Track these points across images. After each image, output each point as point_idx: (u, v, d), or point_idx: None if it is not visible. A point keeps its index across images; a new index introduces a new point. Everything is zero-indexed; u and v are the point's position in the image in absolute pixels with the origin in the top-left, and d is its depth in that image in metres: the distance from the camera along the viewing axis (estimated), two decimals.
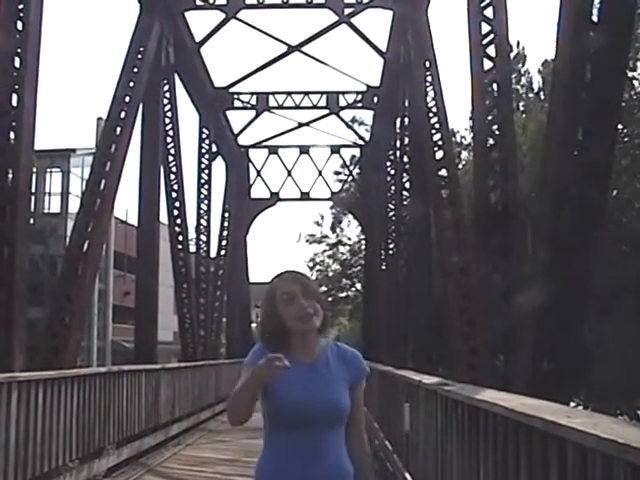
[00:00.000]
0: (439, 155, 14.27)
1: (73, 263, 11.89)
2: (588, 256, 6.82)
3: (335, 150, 30.17)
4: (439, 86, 14.98)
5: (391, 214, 21.82)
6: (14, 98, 9.53)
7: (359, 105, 25.10)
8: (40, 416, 7.61)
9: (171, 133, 18.14)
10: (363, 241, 37.78)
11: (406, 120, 18.19)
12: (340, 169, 37.41)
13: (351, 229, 48.68)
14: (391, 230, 21.84)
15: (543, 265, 7.17)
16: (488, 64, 10.14)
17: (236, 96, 24.36)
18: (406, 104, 17.93)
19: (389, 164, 23.00)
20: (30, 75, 9.67)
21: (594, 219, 6.82)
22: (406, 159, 18.28)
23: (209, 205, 22.96)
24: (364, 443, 3.00)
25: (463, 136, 31.30)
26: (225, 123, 25.69)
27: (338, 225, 45.93)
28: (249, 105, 24.70)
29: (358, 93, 24.43)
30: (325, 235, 46.40)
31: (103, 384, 9.76)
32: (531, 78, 31.51)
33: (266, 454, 2.80)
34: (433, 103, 14.88)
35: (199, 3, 18.71)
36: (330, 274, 46.71)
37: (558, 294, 6.68)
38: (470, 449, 4.63)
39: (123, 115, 13.83)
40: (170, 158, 18.28)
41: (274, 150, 29.55)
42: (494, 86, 10.06)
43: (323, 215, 46.06)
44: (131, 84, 14.33)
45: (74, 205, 27.20)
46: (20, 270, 9.22)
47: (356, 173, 33.40)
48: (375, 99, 23.83)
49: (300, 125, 26.51)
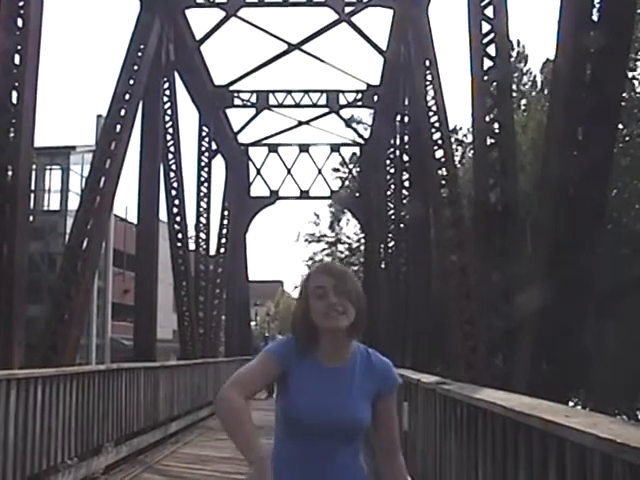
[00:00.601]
0: (439, 154, 14.26)
1: (72, 261, 11.89)
2: (587, 256, 6.81)
3: (335, 149, 30.16)
4: (439, 85, 14.98)
5: (390, 213, 21.82)
6: (14, 95, 9.53)
7: (359, 104, 25.06)
8: (39, 413, 7.61)
9: (171, 131, 18.13)
10: (362, 240, 37.81)
11: (406, 119, 18.18)
12: (339, 166, 37.49)
13: (350, 228, 48.76)
14: (391, 229, 21.84)
15: (543, 265, 7.17)
16: (488, 63, 10.13)
17: (236, 94, 24.34)
18: (406, 103, 17.92)
19: (389, 163, 23.00)
20: (30, 72, 9.67)
21: (594, 219, 6.82)
22: (406, 158, 18.27)
23: (209, 203, 22.94)
24: (399, 463, 2.68)
25: (465, 134, 31.36)
26: (225, 121, 25.67)
27: (337, 224, 46.00)
28: (249, 103, 24.67)
29: (358, 92, 24.40)
30: (324, 234, 46.46)
31: (102, 382, 9.76)
32: (535, 77, 31.62)
33: (276, 464, 2.47)
34: (433, 102, 14.88)
35: (199, 1, 18.69)
36: None
37: (557, 294, 6.68)
38: (469, 448, 4.63)
39: (123, 113, 13.82)
40: (170, 156, 18.26)
41: (274, 148, 29.53)
42: (494, 85, 10.05)
43: (319, 214, 46.21)
44: (131, 81, 14.32)
45: (74, 202, 27.25)
46: (19, 267, 9.22)
47: (356, 172, 33.41)
48: (375, 98, 23.81)
49: (300, 123, 26.49)
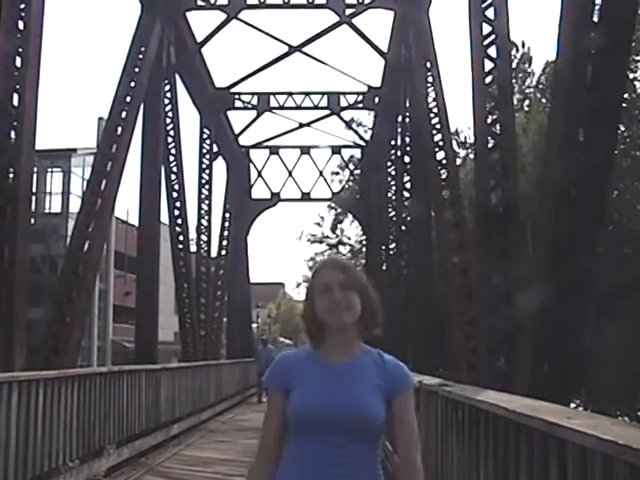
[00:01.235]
0: (440, 156, 14.26)
1: (74, 263, 11.89)
2: (588, 257, 6.81)
3: (336, 151, 30.18)
4: (440, 87, 14.98)
5: (392, 215, 21.81)
6: (15, 98, 9.53)
7: (360, 106, 25.07)
8: (40, 416, 7.62)
9: (172, 133, 18.14)
10: (364, 241, 37.79)
11: (407, 120, 18.19)
12: (338, 169, 37.52)
13: (352, 229, 48.77)
14: (392, 230, 21.84)
15: (543, 266, 7.17)
16: (489, 65, 10.13)
17: (237, 96, 24.35)
18: (407, 104, 17.92)
19: (390, 164, 22.99)
20: (31, 75, 9.67)
21: (594, 220, 6.82)
22: (407, 159, 18.27)
23: (210, 205, 22.94)
24: (412, 470, 2.49)
25: (466, 136, 31.35)
26: (226, 123, 25.68)
27: (339, 225, 46.02)
28: (250, 105, 24.68)
29: (359, 94, 24.41)
30: (326, 235, 46.50)
31: (103, 384, 9.77)
32: (539, 78, 31.61)
33: (282, 462, 2.47)
34: (434, 104, 14.88)
35: (200, 3, 18.70)
36: None
37: (559, 295, 6.67)
38: (470, 450, 4.63)
39: (124, 115, 13.82)
40: (171, 158, 18.28)
41: (275, 150, 29.54)
42: (495, 87, 10.05)
43: (323, 216, 46.27)
44: (132, 84, 14.33)
45: (75, 205, 27.30)
46: (21, 270, 9.22)
47: (357, 173, 33.41)
48: (376, 99, 23.82)
49: (301, 125, 26.50)
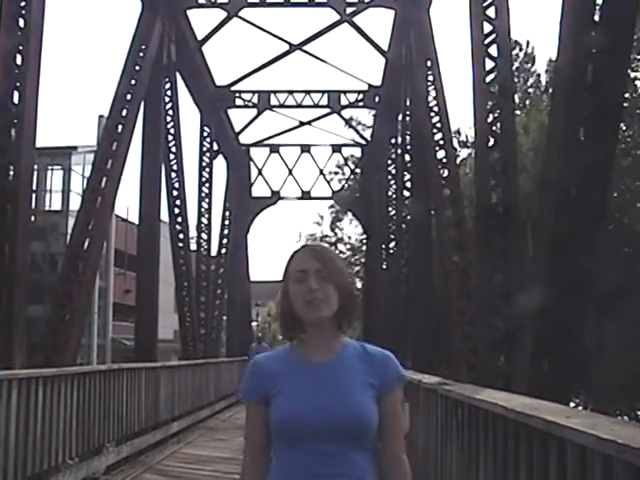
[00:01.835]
0: (440, 154, 14.27)
1: (74, 261, 11.89)
2: (589, 257, 6.81)
3: (336, 149, 30.14)
4: (441, 85, 14.99)
5: (392, 213, 21.81)
6: (16, 95, 9.52)
7: (360, 104, 25.04)
8: (40, 413, 7.61)
9: (172, 131, 18.14)
10: (364, 240, 37.83)
11: (407, 119, 18.18)
12: (337, 169, 37.58)
13: (351, 228, 48.89)
14: (392, 229, 21.84)
15: (544, 266, 7.17)
16: (490, 64, 10.13)
17: (237, 94, 24.32)
18: (407, 103, 17.92)
19: (390, 163, 22.99)
20: (32, 73, 9.67)
21: (595, 219, 6.82)
22: (407, 158, 18.27)
23: (210, 203, 22.94)
24: (402, 469, 2.29)
25: (467, 135, 31.40)
26: (226, 121, 25.66)
27: (337, 224, 46.13)
28: (250, 103, 24.65)
29: (360, 92, 24.38)
30: (325, 235, 46.60)
31: (103, 382, 9.77)
32: (539, 77, 31.65)
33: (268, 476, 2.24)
34: (434, 102, 14.89)
35: (201, 1, 18.68)
36: None
37: (558, 295, 6.68)
38: (470, 448, 4.63)
39: (125, 113, 13.82)
40: (171, 156, 18.27)
41: (275, 149, 29.51)
42: (496, 86, 10.05)
43: (323, 215, 46.43)
44: (133, 82, 14.33)
45: (75, 203, 27.31)
46: (21, 268, 9.22)
47: (357, 172, 33.41)
48: (377, 98, 23.80)
49: (301, 124, 26.47)
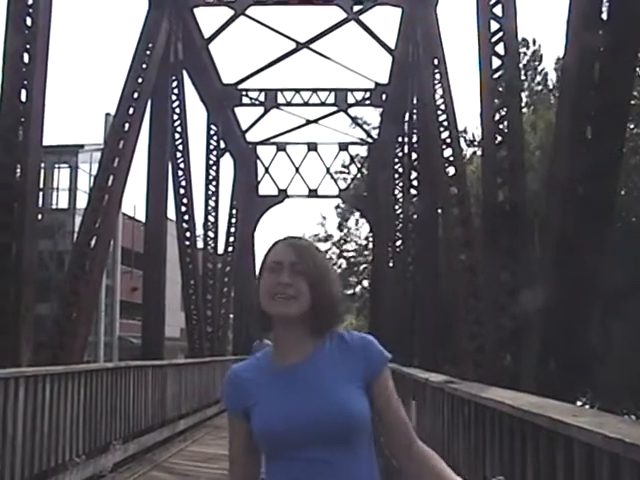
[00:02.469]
0: (447, 153, 14.24)
1: (81, 259, 11.92)
2: (595, 256, 6.79)
3: (343, 147, 30.10)
4: (447, 84, 14.96)
5: (399, 212, 21.79)
6: (23, 94, 9.55)
7: (367, 102, 25.00)
8: (47, 411, 7.64)
9: (179, 129, 18.14)
10: (370, 239, 37.86)
11: (414, 117, 18.15)
12: (343, 168, 37.67)
13: (358, 226, 48.94)
14: (399, 228, 21.82)
15: (550, 264, 7.16)
16: (497, 62, 10.11)
17: (244, 93, 24.31)
18: (414, 101, 17.89)
19: (397, 161, 22.96)
20: (39, 71, 9.69)
21: (602, 218, 6.80)
22: (414, 156, 18.24)
23: (217, 202, 22.95)
24: (431, 458, 2.02)
25: (474, 133, 31.39)
26: (233, 119, 25.66)
27: (345, 223, 46.17)
28: (257, 102, 24.64)
29: (366, 90, 24.34)
30: (330, 234, 46.70)
31: (110, 379, 9.79)
32: (546, 75, 31.61)
33: None
34: (441, 101, 14.86)
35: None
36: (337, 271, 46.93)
37: (565, 294, 6.66)
38: (476, 447, 4.63)
39: (131, 111, 13.84)
40: (178, 154, 18.28)
41: (282, 147, 29.47)
42: (503, 84, 10.03)
43: (325, 216, 46.65)
44: (140, 80, 14.34)
45: (82, 201, 27.31)
46: (28, 266, 9.24)
47: (364, 171, 33.42)
48: (383, 96, 23.76)
49: (308, 122, 26.45)
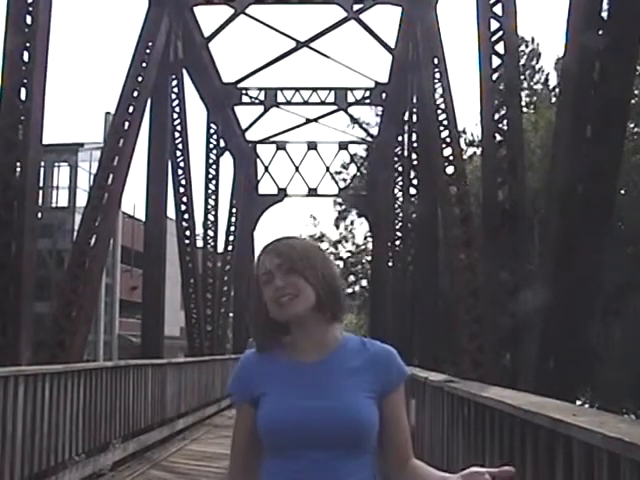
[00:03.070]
0: (447, 152, 14.24)
1: (80, 257, 11.92)
2: (595, 255, 6.80)
3: (343, 146, 30.14)
4: (447, 83, 14.96)
5: (398, 211, 21.80)
6: (23, 92, 9.55)
7: (367, 101, 25.02)
8: (46, 410, 7.63)
9: (179, 128, 18.16)
10: (369, 238, 37.90)
11: (414, 117, 18.16)
12: (341, 169, 37.76)
13: (356, 226, 49.06)
14: (398, 227, 21.83)
15: (550, 263, 7.16)
16: (497, 61, 10.12)
17: (244, 91, 24.32)
18: (414, 101, 17.90)
19: (397, 160, 22.97)
20: (39, 70, 9.69)
21: (602, 217, 6.80)
22: (414, 156, 18.25)
23: (216, 200, 22.98)
24: (420, 468, 2.04)
25: (473, 133, 31.42)
26: (233, 118, 25.67)
27: (342, 221, 46.25)
28: (257, 101, 24.64)
29: (366, 89, 24.35)
30: (323, 234, 46.84)
31: (109, 378, 9.78)
32: (547, 74, 31.64)
33: None
34: (441, 100, 14.86)
35: None
36: None
37: (565, 293, 6.67)
38: (476, 446, 4.63)
39: (131, 110, 13.84)
40: (178, 153, 18.29)
41: (282, 146, 29.50)
42: (503, 83, 10.03)
43: (316, 216, 46.87)
44: (139, 79, 14.34)
45: (82, 199, 27.28)
46: (28, 264, 9.25)
47: (364, 169, 33.46)
48: (383, 95, 23.77)
49: (308, 121, 26.47)
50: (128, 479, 9.48)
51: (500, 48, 10.16)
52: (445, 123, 14.52)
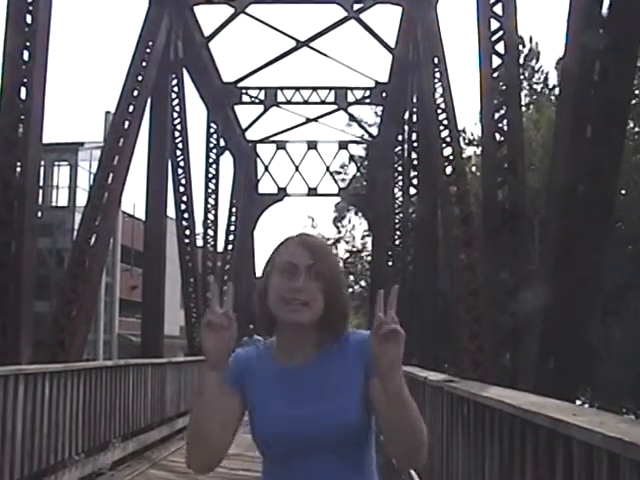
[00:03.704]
0: (447, 152, 14.23)
1: (80, 257, 11.92)
2: (595, 255, 6.79)
3: (343, 146, 30.13)
4: (447, 83, 14.94)
5: (398, 210, 21.80)
6: (23, 91, 9.55)
7: (367, 101, 25.02)
8: (46, 409, 7.64)
9: (179, 127, 18.15)
10: (367, 238, 37.90)
11: (414, 116, 18.15)
12: (340, 169, 37.81)
13: (355, 226, 49.13)
14: (398, 226, 21.83)
15: (550, 263, 7.16)
16: (497, 61, 10.11)
17: (244, 91, 24.30)
18: (414, 100, 17.89)
19: (396, 160, 22.96)
20: (39, 69, 9.69)
21: (602, 217, 6.80)
22: (414, 155, 18.24)
23: (216, 200, 22.97)
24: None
25: (472, 132, 31.41)
26: (233, 118, 25.66)
27: (340, 221, 46.30)
28: (257, 100, 24.63)
29: (366, 89, 24.34)
30: (323, 236, 46.93)
31: (109, 378, 9.78)
32: (547, 74, 31.65)
33: None
34: (441, 100, 14.85)
35: None
36: None
37: (565, 293, 6.67)
38: (476, 446, 4.62)
39: (131, 109, 13.84)
40: (178, 152, 18.29)
41: (282, 145, 29.50)
42: (503, 83, 10.03)
43: (313, 217, 46.98)
44: (139, 78, 14.33)
45: (82, 199, 27.27)
46: (28, 264, 9.25)
47: (363, 169, 33.46)
48: (383, 95, 23.76)
49: (308, 120, 26.46)
50: (128, 478, 9.49)
51: (500, 48, 10.16)
52: (445, 123, 14.51)
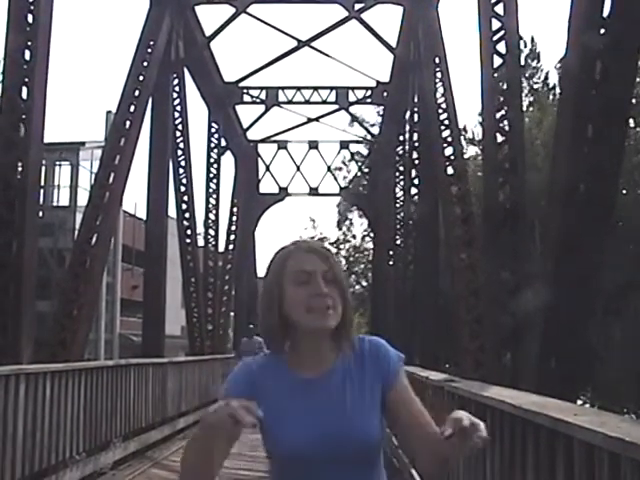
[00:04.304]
0: (448, 151, 14.23)
1: (81, 256, 11.92)
2: (596, 255, 6.79)
3: (344, 146, 30.14)
4: (449, 82, 14.94)
5: (399, 210, 21.80)
6: (24, 91, 9.54)
7: (368, 101, 25.02)
8: (47, 408, 7.64)
9: (180, 127, 18.14)
10: (368, 238, 37.89)
11: (415, 116, 18.15)
12: (342, 165, 37.77)
13: (356, 226, 49.14)
14: (399, 226, 21.83)
15: (551, 263, 7.15)
16: (498, 61, 10.10)
17: (245, 91, 24.30)
18: (415, 100, 17.89)
19: (398, 160, 22.96)
20: (40, 68, 9.68)
21: (603, 217, 6.80)
22: (415, 155, 18.24)
23: (218, 199, 22.94)
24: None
25: (474, 132, 31.41)
26: (234, 117, 25.66)
27: (343, 222, 46.28)
28: (258, 100, 24.63)
29: (367, 89, 24.34)
30: (324, 236, 46.92)
31: (110, 377, 9.79)
32: (547, 74, 31.67)
33: None
34: (443, 99, 14.84)
35: None
36: None
37: (566, 292, 6.66)
38: None
39: (132, 109, 13.84)
40: (179, 152, 18.29)
41: (283, 145, 29.50)
42: (504, 83, 10.02)
43: (315, 219, 46.96)
44: (141, 78, 14.33)
45: (83, 198, 27.26)
46: (29, 263, 9.24)
47: (364, 169, 33.46)
48: (385, 95, 23.76)
49: (309, 120, 26.45)
50: (129, 478, 9.50)
51: (501, 47, 10.14)
52: (446, 122, 14.51)
